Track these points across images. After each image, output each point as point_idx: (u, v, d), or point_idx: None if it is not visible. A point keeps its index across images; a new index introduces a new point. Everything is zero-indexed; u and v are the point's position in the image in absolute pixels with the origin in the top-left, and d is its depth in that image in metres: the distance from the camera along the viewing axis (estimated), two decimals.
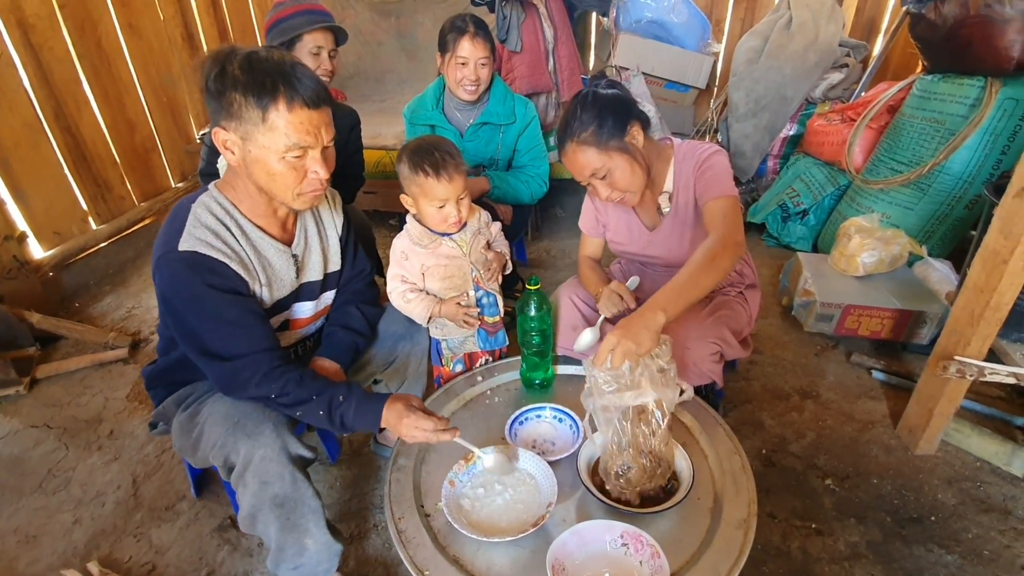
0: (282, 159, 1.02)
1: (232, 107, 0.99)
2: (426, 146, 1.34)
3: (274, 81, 0.97)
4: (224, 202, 1.11)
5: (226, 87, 0.98)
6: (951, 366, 1.43)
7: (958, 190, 2.14)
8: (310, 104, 1.00)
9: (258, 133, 1.00)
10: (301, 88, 0.99)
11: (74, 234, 2.65)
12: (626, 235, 1.54)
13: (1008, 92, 2.02)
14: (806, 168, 2.77)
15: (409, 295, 1.43)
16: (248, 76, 0.97)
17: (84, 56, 2.64)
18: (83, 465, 1.73)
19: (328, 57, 1.82)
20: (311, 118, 1.01)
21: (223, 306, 1.06)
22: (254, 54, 0.99)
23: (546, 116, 2.74)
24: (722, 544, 1.02)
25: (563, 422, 1.30)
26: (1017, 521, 1.45)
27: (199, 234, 1.05)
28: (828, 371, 2.01)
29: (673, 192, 1.43)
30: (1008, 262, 1.30)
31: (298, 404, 1.09)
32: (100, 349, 2.22)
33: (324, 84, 1.05)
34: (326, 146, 1.07)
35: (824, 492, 1.54)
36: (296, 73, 1.00)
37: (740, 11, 3.64)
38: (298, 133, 1.01)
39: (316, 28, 1.75)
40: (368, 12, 3.99)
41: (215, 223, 1.08)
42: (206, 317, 1.06)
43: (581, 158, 1.32)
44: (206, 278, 1.04)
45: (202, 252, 1.04)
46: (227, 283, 1.07)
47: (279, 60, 1.00)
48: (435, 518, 1.08)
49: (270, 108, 0.98)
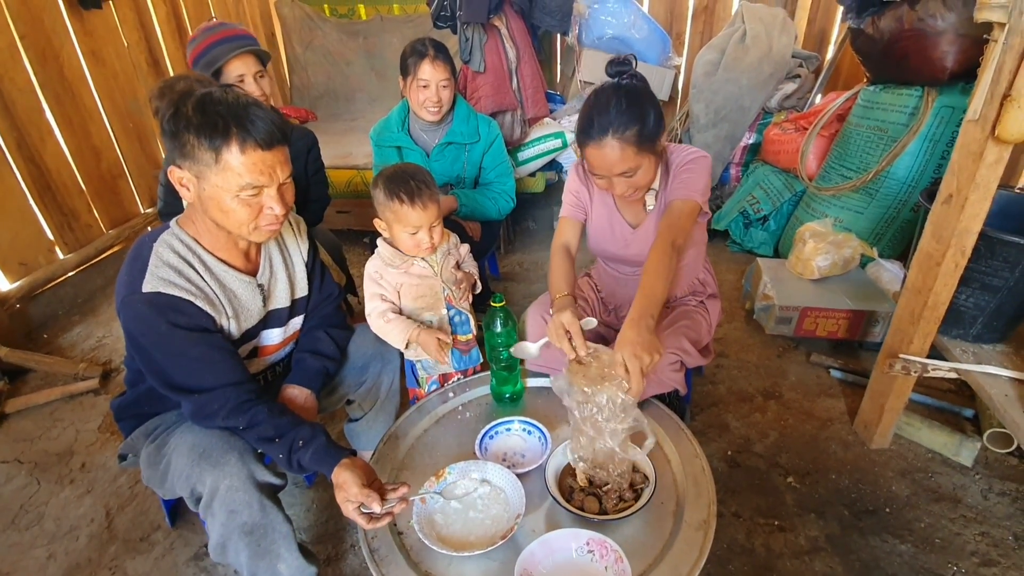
0: (236, 197, 1.04)
1: (186, 147, 1.00)
2: (402, 174, 1.37)
3: (226, 123, 0.98)
4: (186, 238, 1.13)
5: (179, 128, 0.99)
6: (897, 363, 1.51)
7: (903, 194, 2.26)
8: (263, 145, 1.01)
9: (211, 173, 1.01)
10: (254, 129, 1.00)
11: (40, 264, 2.61)
12: (607, 232, 1.56)
13: (944, 100, 2.14)
14: (764, 176, 2.89)
15: (390, 315, 1.46)
16: (201, 118, 0.98)
17: (46, 85, 2.63)
18: (56, 499, 1.71)
19: (255, 81, 1.78)
20: (264, 159, 1.02)
21: (189, 344, 1.08)
22: (208, 95, 1.01)
23: (512, 133, 2.81)
24: (683, 546, 1.06)
25: (532, 434, 1.34)
26: (966, 509, 1.53)
27: (162, 274, 1.07)
28: (790, 371, 2.09)
29: (659, 191, 1.47)
30: (941, 264, 1.39)
31: (262, 441, 1.11)
32: (70, 381, 2.19)
33: (280, 123, 1.05)
34: (283, 183, 1.09)
35: (786, 489, 1.61)
36: (250, 114, 1.00)
37: (699, 25, 3.76)
38: (252, 174, 1.02)
39: (235, 55, 1.74)
40: (336, 32, 4.04)
41: (178, 261, 1.10)
42: (173, 355, 1.08)
43: (617, 155, 1.26)
44: (171, 317, 1.06)
45: (166, 292, 1.06)
46: (192, 321, 1.09)
47: (233, 101, 1.01)
48: (408, 535, 1.11)
49: (223, 149, 0.99)
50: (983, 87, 1.21)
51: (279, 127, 1.04)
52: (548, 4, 2.67)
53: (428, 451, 1.32)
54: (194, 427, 1.14)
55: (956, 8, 1.95)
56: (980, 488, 1.59)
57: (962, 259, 1.38)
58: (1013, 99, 1.15)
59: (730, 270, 2.77)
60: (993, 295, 1.46)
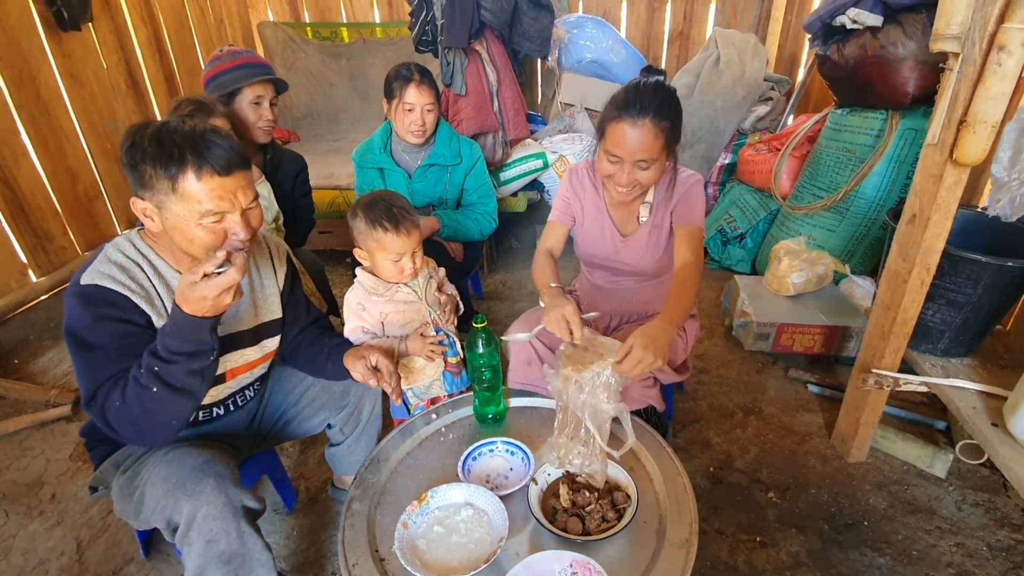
0: (199, 225, 1.03)
1: (145, 178, 1.00)
2: (381, 202, 1.38)
3: (182, 151, 0.98)
4: (141, 245, 1.12)
5: (137, 159, 0.99)
6: (869, 378, 1.55)
7: (872, 212, 2.33)
8: (221, 172, 1.01)
9: (171, 203, 1.01)
10: (210, 156, 1.00)
11: (12, 288, 2.55)
12: (598, 237, 1.58)
13: (907, 123, 2.23)
14: (740, 195, 2.96)
15: (372, 341, 1.45)
16: (156, 148, 0.98)
17: (22, 107, 2.60)
18: (24, 532, 1.65)
19: (269, 106, 1.86)
20: (223, 184, 1.02)
21: (111, 337, 1.04)
22: (165, 125, 1.01)
23: (494, 154, 2.85)
24: (666, 565, 1.06)
25: (515, 455, 1.34)
26: (941, 520, 1.56)
27: (103, 268, 1.06)
28: (769, 387, 2.12)
29: (654, 205, 1.51)
30: (908, 281, 1.44)
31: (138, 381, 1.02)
32: (41, 408, 2.13)
33: (239, 150, 1.05)
34: (247, 208, 1.08)
35: (767, 505, 1.63)
36: (207, 141, 1.00)
37: (675, 49, 3.88)
38: (211, 200, 1.01)
39: (256, 81, 1.79)
40: (319, 55, 4.07)
41: (124, 260, 1.08)
42: (88, 348, 1.04)
43: (649, 139, 1.30)
44: (100, 310, 1.04)
45: (102, 284, 1.04)
46: (123, 315, 1.06)
47: (189, 130, 1.01)
48: (390, 562, 1.10)
49: (179, 177, 0.99)
50: (940, 113, 1.28)
51: (238, 153, 1.04)
52: (528, 30, 2.74)
53: (411, 474, 1.31)
54: (167, 456, 1.11)
55: (916, 37, 2.05)
56: (954, 499, 1.62)
57: (927, 276, 1.43)
58: (968, 124, 1.21)
59: (709, 287, 2.82)
60: (958, 311, 1.51)
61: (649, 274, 1.59)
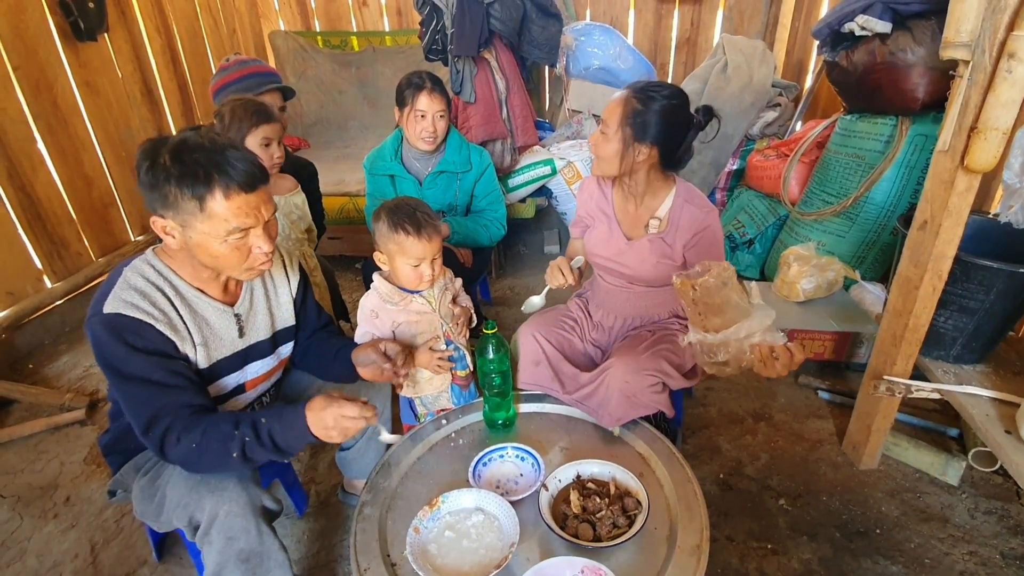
0: (224, 242, 1.04)
1: (168, 198, 0.99)
2: (406, 206, 1.40)
3: (207, 170, 0.98)
4: (159, 265, 1.12)
5: (159, 180, 0.98)
6: (881, 385, 1.55)
7: (882, 218, 2.32)
8: (246, 188, 1.01)
9: (197, 222, 1.01)
10: (235, 173, 1.00)
11: (28, 293, 2.59)
12: (605, 236, 1.62)
13: (917, 129, 2.22)
14: (749, 200, 2.96)
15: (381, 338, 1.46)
16: (179, 167, 0.97)
17: (39, 116, 2.65)
18: (39, 534, 1.67)
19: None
20: (248, 201, 1.03)
21: (149, 367, 1.05)
22: (183, 142, 1.00)
23: (503, 161, 2.86)
24: (677, 571, 1.07)
25: (525, 460, 1.34)
26: (954, 528, 1.55)
27: (125, 296, 1.06)
28: (779, 393, 2.12)
29: (666, 222, 1.53)
30: (919, 288, 1.44)
31: (226, 440, 1.05)
32: (56, 411, 2.16)
33: (259, 163, 1.06)
34: (267, 221, 1.10)
35: (778, 512, 1.62)
36: (229, 158, 1.00)
37: (682, 55, 3.89)
38: (238, 218, 1.02)
39: (265, 90, 1.81)
40: (329, 63, 4.12)
41: (145, 284, 1.08)
42: (130, 378, 1.04)
43: (613, 105, 1.43)
44: (128, 339, 1.04)
45: (125, 314, 1.04)
46: (150, 344, 1.06)
47: (210, 146, 1.00)
48: (401, 566, 1.11)
49: (206, 198, 0.99)
50: (951, 120, 1.28)
51: (259, 166, 1.05)
52: (536, 38, 2.76)
53: (422, 479, 1.32)
54: None
55: (925, 43, 2.05)
56: (967, 507, 1.61)
57: (939, 283, 1.43)
58: (979, 131, 1.21)
59: None
60: (971, 317, 1.50)
61: (650, 281, 1.60)
